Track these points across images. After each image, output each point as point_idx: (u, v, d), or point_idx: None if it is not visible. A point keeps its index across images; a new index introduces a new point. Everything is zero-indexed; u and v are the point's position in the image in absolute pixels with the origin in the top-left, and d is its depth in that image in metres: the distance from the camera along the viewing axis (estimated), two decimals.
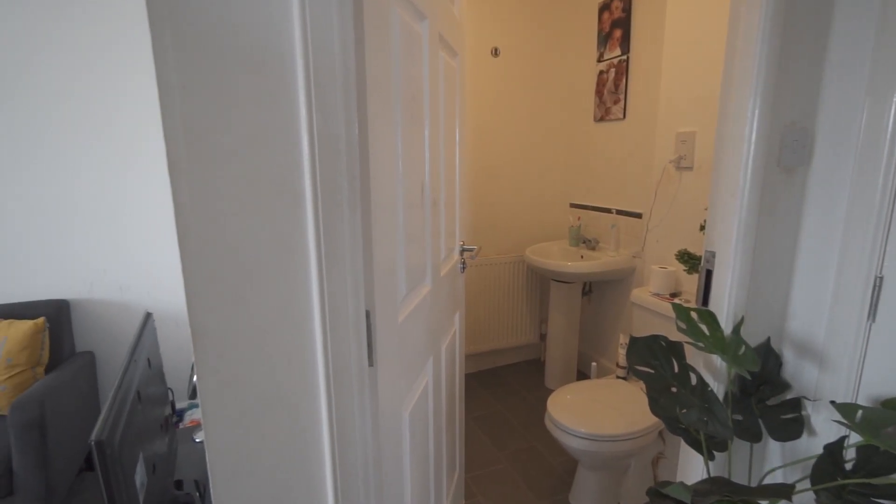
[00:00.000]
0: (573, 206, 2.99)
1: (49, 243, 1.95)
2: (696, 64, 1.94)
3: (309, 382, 0.68)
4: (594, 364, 2.30)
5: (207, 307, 0.60)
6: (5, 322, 1.72)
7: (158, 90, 0.54)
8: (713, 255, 1.05)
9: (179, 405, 1.91)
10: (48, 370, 1.79)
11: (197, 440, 1.73)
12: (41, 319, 1.76)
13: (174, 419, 1.78)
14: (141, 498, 1.00)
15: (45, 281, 1.96)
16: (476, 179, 2.78)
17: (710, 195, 1.07)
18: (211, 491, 0.67)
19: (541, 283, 3.02)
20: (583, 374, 2.91)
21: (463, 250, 1.54)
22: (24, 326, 1.71)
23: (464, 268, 1.56)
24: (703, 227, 1.85)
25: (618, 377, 2.09)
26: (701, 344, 0.94)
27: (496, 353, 3.04)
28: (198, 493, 1.46)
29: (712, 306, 1.06)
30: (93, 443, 0.83)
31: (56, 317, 1.87)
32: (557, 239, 2.99)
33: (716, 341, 0.93)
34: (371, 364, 0.76)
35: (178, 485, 1.49)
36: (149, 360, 1.35)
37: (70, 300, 1.99)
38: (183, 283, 0.58)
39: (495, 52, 2.69)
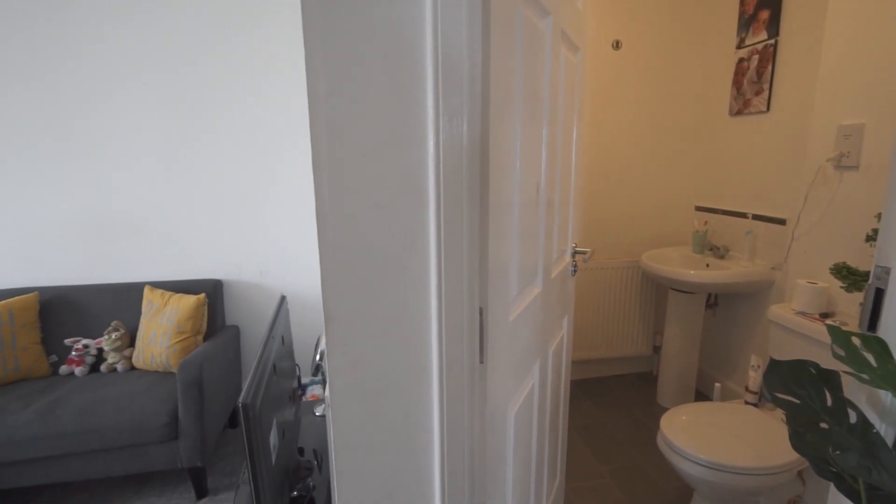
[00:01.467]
0: (699, 209, 2.72)
1: (210, 231, 2.30)
2: (871, 42, 1.63)
3: (423, 373, 0.72)
4: (717, 385, 2.07)
5: (339, 294, 0.66)
6: (177, 296, 2.07)
7: (308, 96, 0.60)
8: (887, 271, 0.88)
9: (303, 380, 2.13)
10: (205, 338, 2.11)
11: (317, 414, 1.91)
12: (202, 295, 2.09)
13: (299, 392, 1.99)
14: (273, 458, 1.14)
15: (206, 263, 2.32)
16: (591, 179, 2.67)
17: (886, 200, 0.89)
18: (332, 460, 0.74)
19: (657, 291, 2.80)
20: (702, 395, 2.63)
21: (575, 252, 1.49)
22: (191, 300, 2.04)
23: (574, 270, 1.51)
24: (870, 238, 1.56)
25: (747, 403, 1.86)
26: (865, 376, 0.79)
27: (603, 361, 2.89)
28: (316, 462, 1.62)
29: (882, 332, 0.89)
30: (240, 404, 0.96)
31: (213, 293, 2.20)
32: (679, 244, 2.75)
33: (886, 374, 0.78)
34: (482, 361, 0.77)
35: (300, 451, 1.67)
36: (283, 337, 1.52)
37: (223, 280, 2.33)
38: (319, 272, 0.65)
39: (617, 45, 2.55)
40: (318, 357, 1.74)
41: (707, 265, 2.40)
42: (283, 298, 1.64)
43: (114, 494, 1.91)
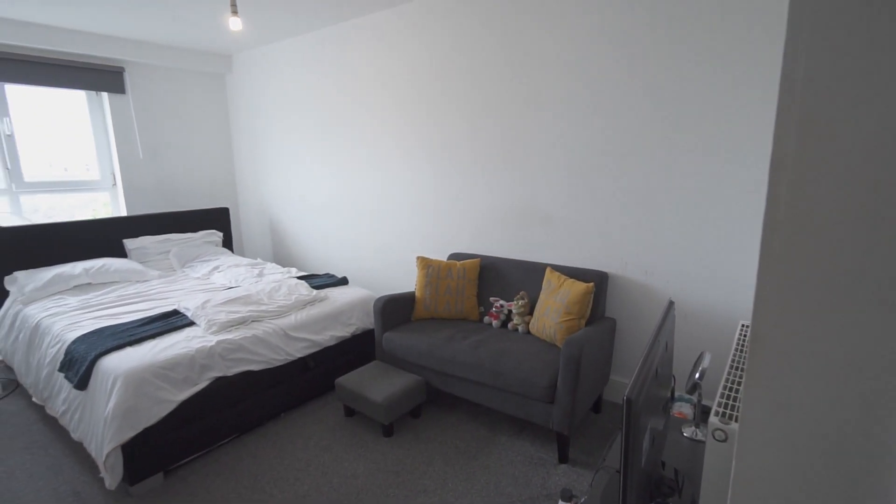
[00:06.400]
0: None
1: (604, 227, 2.46)
2: None
3: (888, 448, 0.52)
4: None
5: (776, 315, 0.56)
6: (570, 280, 2.34)
7: (781, 82, 0.52)
8: None
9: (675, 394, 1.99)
10: (587, 324, 2.30)
11: (685, 434, 1.76)
12: (591, 284, 2.27)
13: (670, 405, 1.88)
14: (643, 460, 1.13)
15: (596, 255, 2.51)
16: None
17: None
18: (728, 500, 0.65)
19: None
20: None
21: None
22: (581, 287, 2.25)
23: None
24: None
25: None
26: None
27: None
28: (677, 482, 1.50)
29: None
30: (625, 398, 0.99)
31: (599, 284, 2.35)
32: None
33: None
34: None
35: (662, 465, 1.58)
36: (666, 343, 1.46)
37: (609, 273, 2.45)
38: (755, 282, 0.57)
39: None
40: (697, 375, 1.59)
41: None
42: (671, 304, 1.57)
43: (503, 427, 2.40)
